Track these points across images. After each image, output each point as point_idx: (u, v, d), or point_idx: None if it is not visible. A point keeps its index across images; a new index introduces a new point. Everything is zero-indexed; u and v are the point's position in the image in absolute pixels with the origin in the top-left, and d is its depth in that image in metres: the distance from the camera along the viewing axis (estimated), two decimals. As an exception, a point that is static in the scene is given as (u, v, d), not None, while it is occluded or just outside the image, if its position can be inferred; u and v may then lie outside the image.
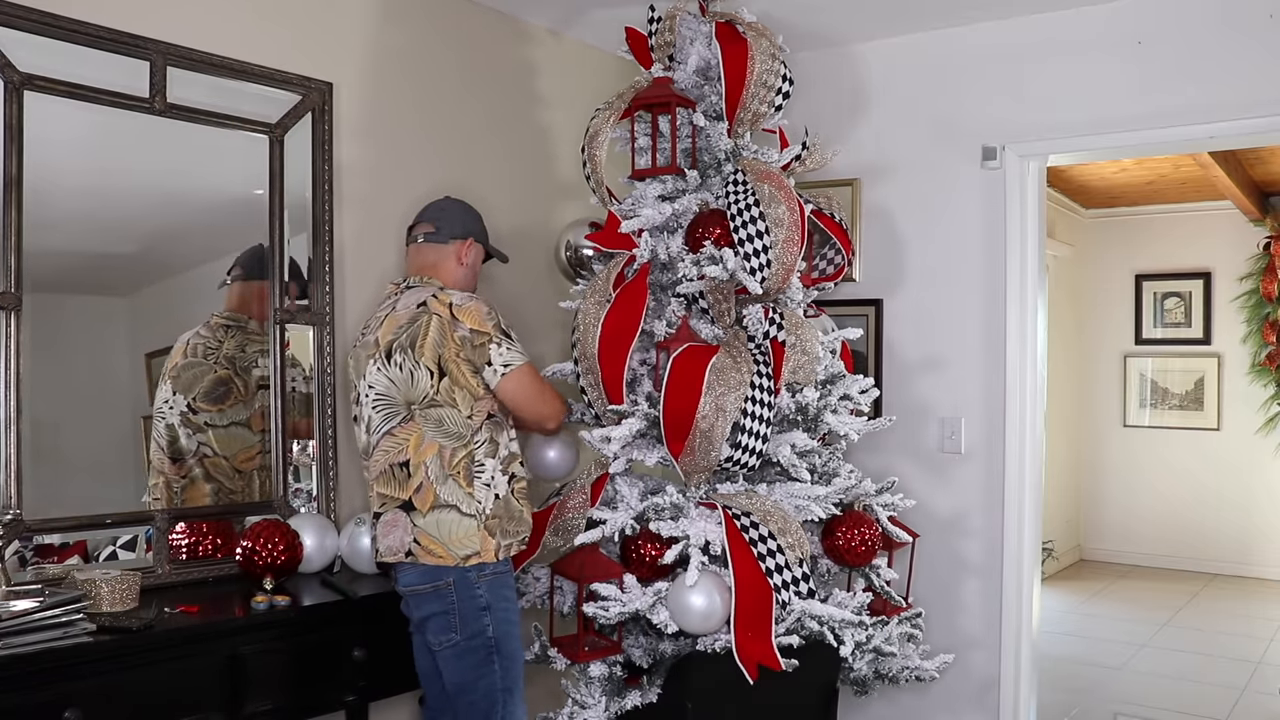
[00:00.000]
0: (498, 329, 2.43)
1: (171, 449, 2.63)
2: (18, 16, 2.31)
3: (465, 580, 2.38)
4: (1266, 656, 5.33)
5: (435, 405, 2.39)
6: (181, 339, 2.67)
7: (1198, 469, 7.40)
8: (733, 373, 2.61)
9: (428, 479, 2.38)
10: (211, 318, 2.74)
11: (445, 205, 2.68)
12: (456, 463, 2.39)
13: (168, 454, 2.62)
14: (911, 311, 3.68)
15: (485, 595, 2.40)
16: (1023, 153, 3.46)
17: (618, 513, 2.73)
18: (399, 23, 3.16)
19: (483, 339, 2.40)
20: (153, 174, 2.67)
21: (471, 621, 2.38)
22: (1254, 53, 3.09)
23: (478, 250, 2.66)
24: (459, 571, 2.38)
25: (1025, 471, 3.49)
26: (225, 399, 2.73)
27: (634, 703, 2.69)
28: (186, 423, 2.66)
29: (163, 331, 2.68)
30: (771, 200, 2.73)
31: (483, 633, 2.39)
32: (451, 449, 2.39)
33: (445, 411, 2.39)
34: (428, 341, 2.38)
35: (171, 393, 2.63)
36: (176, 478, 2.64)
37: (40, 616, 2.02)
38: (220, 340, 2.73)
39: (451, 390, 2.39)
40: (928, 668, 3.01)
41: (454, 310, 2.40)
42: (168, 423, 2.63)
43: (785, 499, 2.76)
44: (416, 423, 2.39)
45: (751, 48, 2.85)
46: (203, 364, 2.69)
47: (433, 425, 2.39)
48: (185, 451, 2.66)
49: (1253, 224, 7.09)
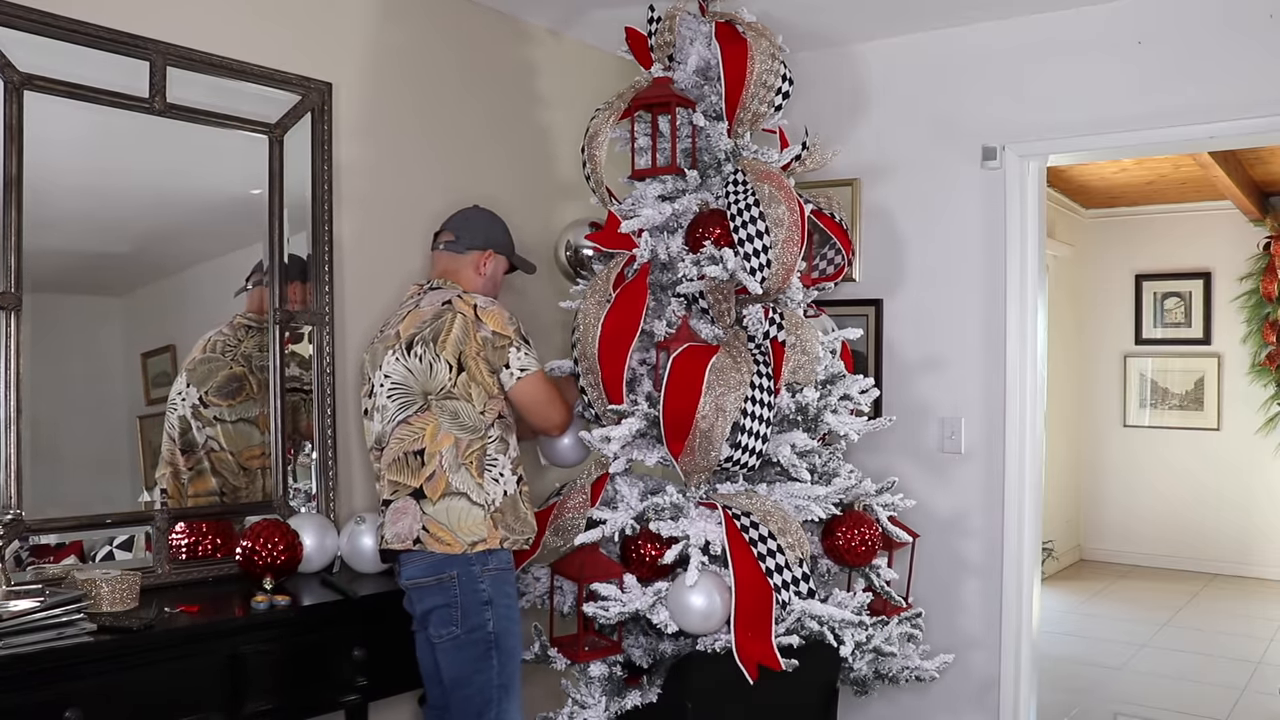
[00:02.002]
0: (518, 334, 2.53)
1: (183, 440, 2.65)
2: (18, 16, 2.31)
3: (469, 574, 2.41)
4: (1266, 656, 5.33)
5: (451, 398, 2.45)
6: (205, 336, 2.71)
7: (1198, 469, 7.40)
8: (733, 373, 2.61)
9: (440, 467, 2.43)
10: (235, 318, 2.77)
11: (469, 215, 2.75)
12: (471, 453, 2.45)
13: (179, 445, 2.64)
14: (911, 311, 3.68)
15: (488, 589, 2.43)
16: (1023, 153, 3.46)
17: (618, 513, 2.73)
18: (399, 23, 3.16)
19: (504, 342, 2.49)
20: (152, 174, 2.66)
21: (473, 615, 2.41)
22: (1254, 53, 3.09)
23: (498, 261, 2.72)
24: (464, 563, 2.41)
25: (1025, 471, 3.49)
26: (237, 394, 2.74)
27: (634, 703, 2.69)
28: (197, 415, 2.68)
29: (159, 331, 2.68)
30: (771, 200, 2.73)
31: (483, 626, 2.41)
32: (467, 440, 2.46)
33: (460, 405, 2.45)
34: (450, 337, 2.45)
35: (186, 385, 2.66)
36: (186, 469, 2.66)
37: (40, 616, 2.02)
38: (240, 339, 2.76)
39: (469, 385, 2.45)
40: (928, 668, 3.01)
41: (478, 311, 2.49)
42: (180, 414, 2.64)
43: (785, 499, 2.76)
44: (433, 413, 2.45)
45: (751, 48, 2.85)
46: (220, 360, 2.72)
47: (448, 417, 2.45)
48: (195, 444, 2.67)
49: (1253, 224, 7.09)
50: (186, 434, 2.66)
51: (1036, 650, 3.58)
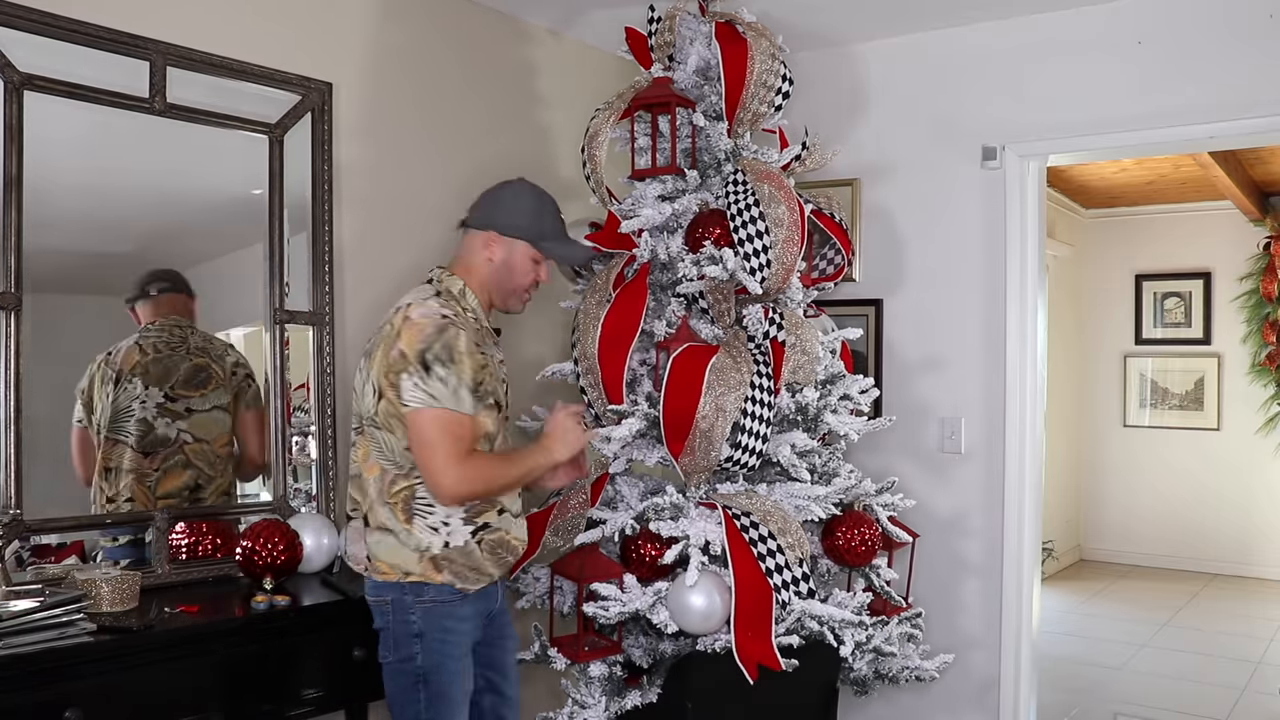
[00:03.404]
0: (421, 357, 2.12)
1: (144, 443, 2.59)
2: (18, 16, 2.31)
3: (402, 603, 2.22)
4: (1266, 656, 5.33)
5: (375, 426, 2.20)
6: (119, 347, 2.56)
7: (1198, 469, 7.40)
8: (733, 373, 2.61)
9: (367, 497, 2.24)
10: (153, 323, 2.63)
11: (499, 188, 2.39)
12: (396, 492, 2.20)
13: (138, 450, 2.58)
14: (911, 311, 3.68)
15: (419, 622, 2.22)
16: (1023, 153, 3.46)
17: (618, 513, 2.73)
18: (399, 23, 3.16)
19: (401, 365, 2.13)
20: (152, 174, 2.67)
21: (403, 645, 2.24)
22: (1254, 53, 3.08)
23: (512, 248, 2.35)
24: (397, 590, 2.22)
25: (1025, 471, 3.49)
26: (207, 384, 2.70)
27: (634, 703, 2.69)
28: (165, 412, 2.63)
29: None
30: (771, 200, 2.73)
31: (411, 659, 2.23)
32: (392, 475, 2.20)
33: (383, 435, 2.19)
34: (376, 356, 2.19)
35: (143, 388, 2.58)
36: (150, 470, 2.60)
37: (40, 616, 2.02)
38: (181, 337, 2.67)
39: (389, 415, 2.17)
40: (928, 668, 3.01)
41: (405, 323, 2.16)
42: (139, 418, 2.57)
43: (785, 499, 2.76)
44: (365, 436, 2.24)
45: (751, 48, 2.84)
46: (172, 356, 2.65)
47: (375, 445, 2.22)
48: (162, 441, 2.62)
49: (1253, 224, 7.09)
50: (148, 436, 2.59)
51: (1036, 650, 3.58)
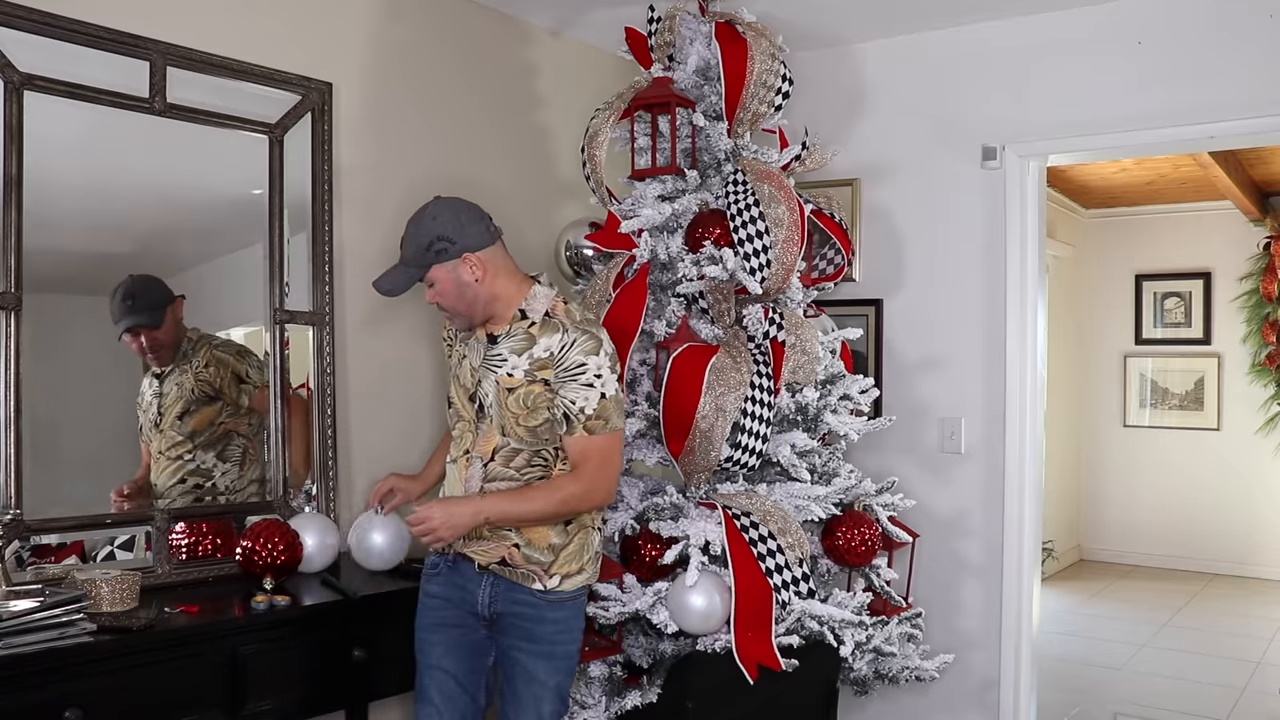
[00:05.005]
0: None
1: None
2: (18, 16, 2.31)
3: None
4: (1266, 656, 5.33)
5: None
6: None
7: (1198, 469, 7.40)
8: (733, 373, 2.61)
9: None
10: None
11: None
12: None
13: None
14: (911, 311, 3.68)
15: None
16: (1023, 153, 3.46)
17: (618, 513, 2.73)
18: (399, 23, 3.16)
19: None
20: (152, 174, 2.66)
21: None
22: (1254, 53, 3.08)
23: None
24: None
25: (1025, 471, 3.49)
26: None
27: (634, 703, 2.69)
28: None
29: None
30: (771, 200, 2.73)
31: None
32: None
33: None
34: None
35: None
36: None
37: (40, 616, 2.02)
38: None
39: None
40: (928, 668, 3.01)
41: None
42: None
43: (785, 499, 2.76)
44: None
45: (751, 48, 2.85)
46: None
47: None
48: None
49: (1253, 224, 7.09)
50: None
51: (1036, 650, 3.58)
